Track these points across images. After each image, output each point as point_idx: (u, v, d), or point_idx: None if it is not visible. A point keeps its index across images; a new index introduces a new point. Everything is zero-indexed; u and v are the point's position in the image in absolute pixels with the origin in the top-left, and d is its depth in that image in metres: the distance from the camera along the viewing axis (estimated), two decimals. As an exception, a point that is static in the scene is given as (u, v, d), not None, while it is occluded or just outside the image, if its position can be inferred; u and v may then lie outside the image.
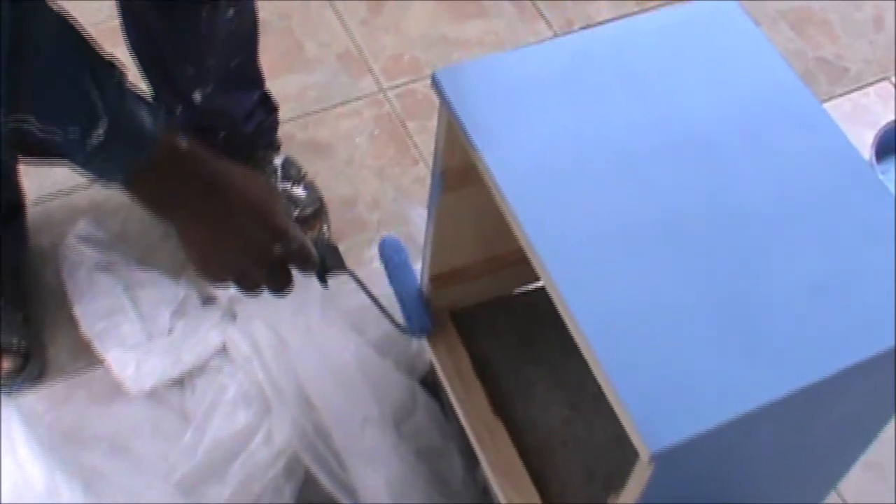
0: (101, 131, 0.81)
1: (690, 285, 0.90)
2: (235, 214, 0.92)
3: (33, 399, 1.44)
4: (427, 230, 1.22)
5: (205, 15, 1.37)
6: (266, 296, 1.01)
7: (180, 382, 1.45)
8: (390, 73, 1.91)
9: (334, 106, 1.85)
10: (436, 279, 1.28)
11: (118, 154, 0.84)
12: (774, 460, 1.05)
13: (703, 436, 0.83)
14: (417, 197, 1.76)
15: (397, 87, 1.89)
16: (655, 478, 0.86)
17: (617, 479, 1.24)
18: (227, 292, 1.47)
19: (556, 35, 2.00)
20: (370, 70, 1.91)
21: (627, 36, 1.06)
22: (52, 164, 0.84)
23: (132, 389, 1.43)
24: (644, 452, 0.82)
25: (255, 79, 1.59)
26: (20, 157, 0.84)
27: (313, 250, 1.01)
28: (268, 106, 1.64)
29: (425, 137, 1.83)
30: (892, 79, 2.01)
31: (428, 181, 1.78)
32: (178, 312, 1.51)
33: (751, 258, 0.92)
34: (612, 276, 0.90)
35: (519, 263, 1.33)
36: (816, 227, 0.95)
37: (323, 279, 1.06)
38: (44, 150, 0.81)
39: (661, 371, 0.86)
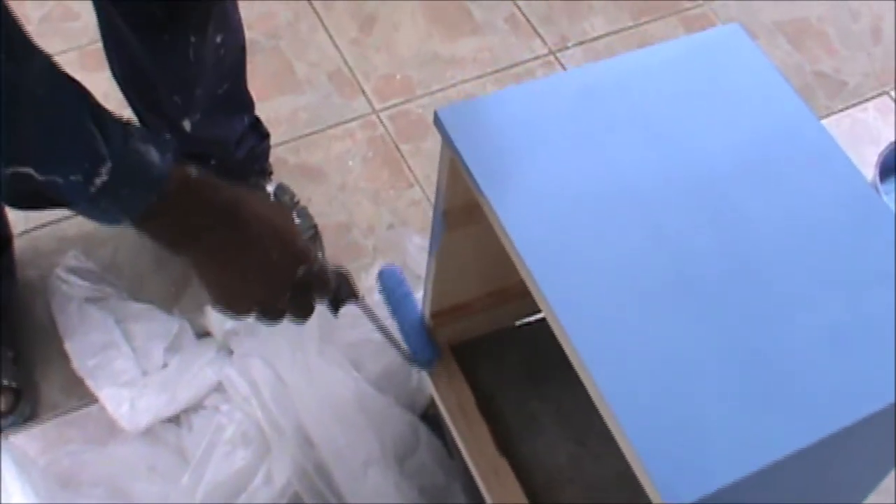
0: (104, 174, 0.77)
1: (702, 333, 0.87)
2: (256, 240, 0.88)
3: (25, 440, 1.41)
4: (428, 268, 1.19)
5: (193, 41, 1.34)
6: (278, 326, 0.98)
7: (176, 420, 1.42)
8: (382, 93, 1.87)
9: (326, 128, 1.82)
10: (437, 315, 1.25)
11: (127, 196, 0.80)
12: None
13: (720, 490, 0.80)
14: (413, 222, 1.73)
15: (390, 108, 1.86)
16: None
17: (626, 517, 1.22)
18: (223, 326, 1.44)
19: (550, 52, 1.97)
20: (362, 90, 1.87)
21: (633, 69, 1.03)
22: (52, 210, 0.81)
23: (127, 428, 1.40)
24: (662, 510, 0.79)
25: (244, 104, 1.55)
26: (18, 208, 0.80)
27: (331, 274, 0.99)
28: (259, 131, 1.61)
29: (420, 159, 1.80)
30: (892, 93, 1.99)
31: (423, 204, 1.76)
32: (173, 347, 1.48)
33: (763, 304, 0.89)
34: (623, 324, 0.87)
35: (521, 296, 1.30)
36: (831, 270, 0.92)
37: (336, 308, 1.03)
38: (44, 197, 0.78)
39: (677, 424, 0.83)
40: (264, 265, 0.90)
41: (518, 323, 1.36)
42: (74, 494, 1.29)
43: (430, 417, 1.39)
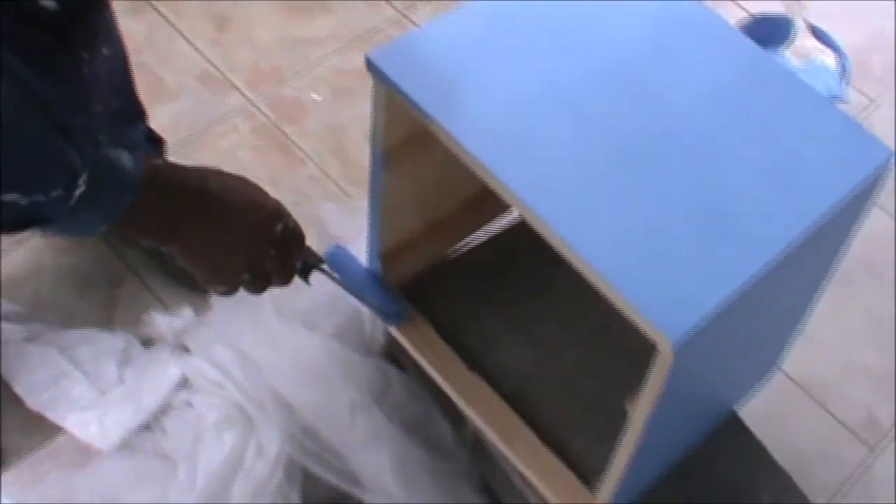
0: (82, 185, 0.80)
1: (653, 192, 1.00)
2: (231, 209, 0.93)
3: (3, 488, 1.41)
4: (371, 211, 1.26)
5: (86, 56, 1.36)
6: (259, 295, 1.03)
7: (148, 427, 1.45)
8: (254, 84, 1.93)
9: (209, 127, 1.86)
10: (384, 257, 1.33)
11: (106, 201, 0.84)
12: (754, 335, 1.16)
13: (710, 316, 0.92)
14: (315, 195, 1.81)
15: (265, 95, 1.92)
16: (675, 369, 0.93)
17: (596, 399, 1.33)
18: (172, 327, 1.48)
19: (400, 13, 2.06)
20: (234, 86, 1.93)
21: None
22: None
23: (101, 447, 1.42)
24: (666, 344, 0.90)
25: (137, 113, 1.59)
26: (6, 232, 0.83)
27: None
28: (153, 138, 1.64)
29: (306, 138, 1.87)
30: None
31: (320, 178, 1.83)
32: (124, 362, 1.50)
33: (695, 160, 1.02)
34: (586, 198, 0.99)
35: (454, 225, 1.40)
36: (743, 122, 1.06)
37: (306, 274, 1.09)
38: (27, 219, 0.81)
39: (654, 269, 0.95)
40: (244, 230, 0.95)
41: (453, 253, 1.45)
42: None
43: (390, 358, 1.46)
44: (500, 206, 1.48)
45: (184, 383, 1.45)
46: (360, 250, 1.53)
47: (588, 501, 1.24)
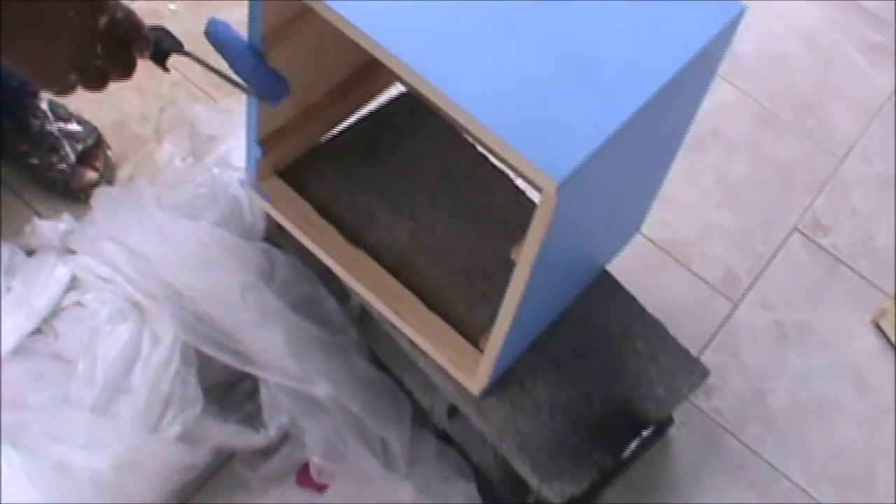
0: None
1: (529, 46, 1.08)
2: (51, 7, 0.91)
3: None
4: (249, 100, 1.30)
5: None
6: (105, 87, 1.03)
7: (40, 331, 1.47)
8: None
9: (69, 42, 1.86)
10: (263, 144, 1.37)
11: None
12: (623, 186, 1.25)
13: (590, 157, 1.01)
14: (180, 100, 1.84)
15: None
16: (559, 211, 1.02)
17: (473, 263, 1.42)
18: (57, 230, 1.50)
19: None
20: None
21: None
22: None
23: (-3, 354, 1.44)
24: (550, 185, 0.99)
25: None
26: None
27: (141, 19, 1.02)
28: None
29: (167, 45, 1.88)
30: None
31: (184, 83, 1.86)
32: (10, 271, 1.51)
33: (570, 15, 1.11)
34: (465, 54, 1.06)
35: (325, 110, 1.45)
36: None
37: (162, 62, 1.09)
38: None
39: (534, 116, 1.03)
40: (64, 25, 0.93)
41: (324, 138, 1.51)
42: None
43: (271, 243, 1.51)
44: (368, 92, 1.54)
45: (73, 284, 1.47)
46: (234, 146, 1.58)
47: (476, 360, 1.32)
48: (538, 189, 1.03)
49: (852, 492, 1.67)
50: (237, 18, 1.23)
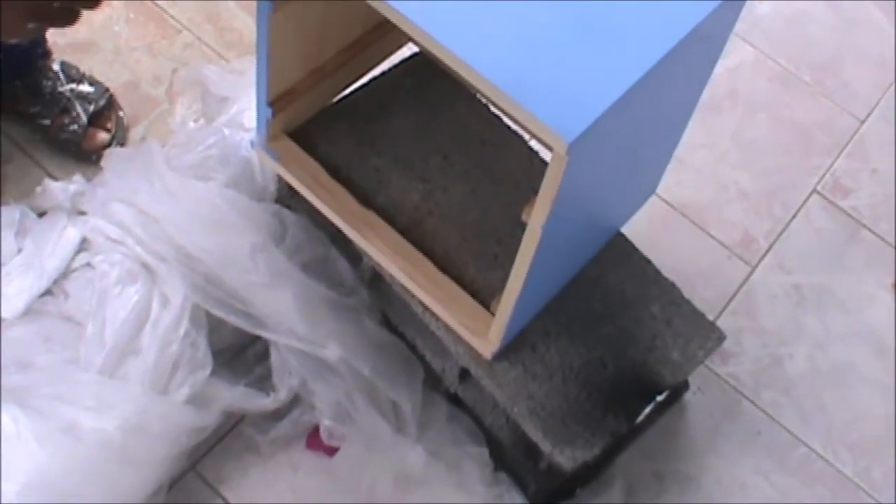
0: None
1: (543, 8, 1.05)
2: None
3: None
4: (259, 61, 1.29)
5: None
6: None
7: (51, 292, 1.46)
8: (121, -45, 1.91)
9: (80, 2, 1.84)
10: (273, 104, 1.36)
11: None
12: (637, 146, 1.23)
13: (601, 117, 0.98)
14: (193, 61, 1.82)
15: (134, -33, 1.90)
16: (569, 172, 1.00)
17: (485, 225, 1.40)
18: (68, 192, 1.49)
19: None
20: (100, -42, 1.90)
21: None
22: None
23: (7, 315, 1.44)
24: (560, 145, 0.96)
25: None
26: None
27: None
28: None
29: (180, 6, 1.87)
30: None
31: (196, 44, 1.85)
32: (21, 232, 1.51)
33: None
34: (475, 14, 1.03)
35: (335, 71, 1.43)
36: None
37: None
38: None
39: (545, 77, 1.00)
40: None
41: (335, 99, 1.49)
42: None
43: (282, 204, 1.50)
44: (379, 53, 1.52)
45: (83, 245, 1.46)
46: (246, 107, 1.56)
47: (488, 323, 1.31)
48: (550, 149, 1.01)
49: (871, 459, 1.65)
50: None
